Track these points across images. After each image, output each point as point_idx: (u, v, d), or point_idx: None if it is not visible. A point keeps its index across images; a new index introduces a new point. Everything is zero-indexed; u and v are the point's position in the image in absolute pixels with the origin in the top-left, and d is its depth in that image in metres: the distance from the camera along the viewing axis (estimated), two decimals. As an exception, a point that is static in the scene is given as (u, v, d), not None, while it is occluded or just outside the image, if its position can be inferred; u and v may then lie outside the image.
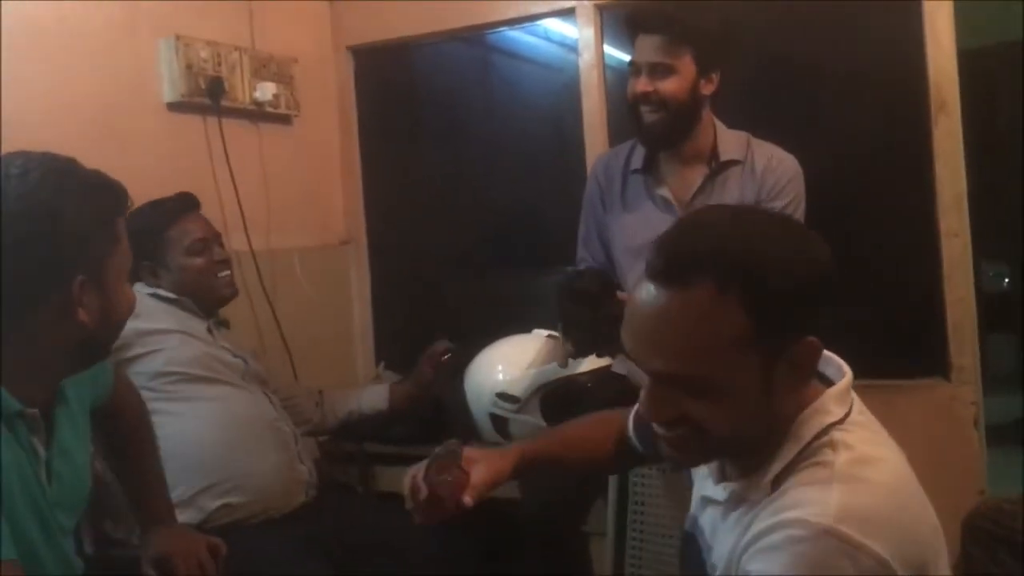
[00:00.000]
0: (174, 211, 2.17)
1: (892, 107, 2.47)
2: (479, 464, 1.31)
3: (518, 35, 3.01)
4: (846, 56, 2.49)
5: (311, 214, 3.05)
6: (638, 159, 2.18)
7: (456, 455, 1.29)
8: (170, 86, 2.51)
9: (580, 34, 2.79)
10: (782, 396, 1.01)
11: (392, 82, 3.18)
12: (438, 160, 3.16)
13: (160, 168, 2.44)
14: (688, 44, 2.02)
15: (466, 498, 1.28)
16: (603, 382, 2.24)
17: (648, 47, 2.04)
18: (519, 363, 2.36)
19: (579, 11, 2.77)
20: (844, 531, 0.92)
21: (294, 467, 2.10)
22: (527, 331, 2.45)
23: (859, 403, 1.08)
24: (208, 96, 2.57)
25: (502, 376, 2.37)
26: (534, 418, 2.32)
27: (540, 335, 2.39)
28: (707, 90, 2.07)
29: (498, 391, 2.36)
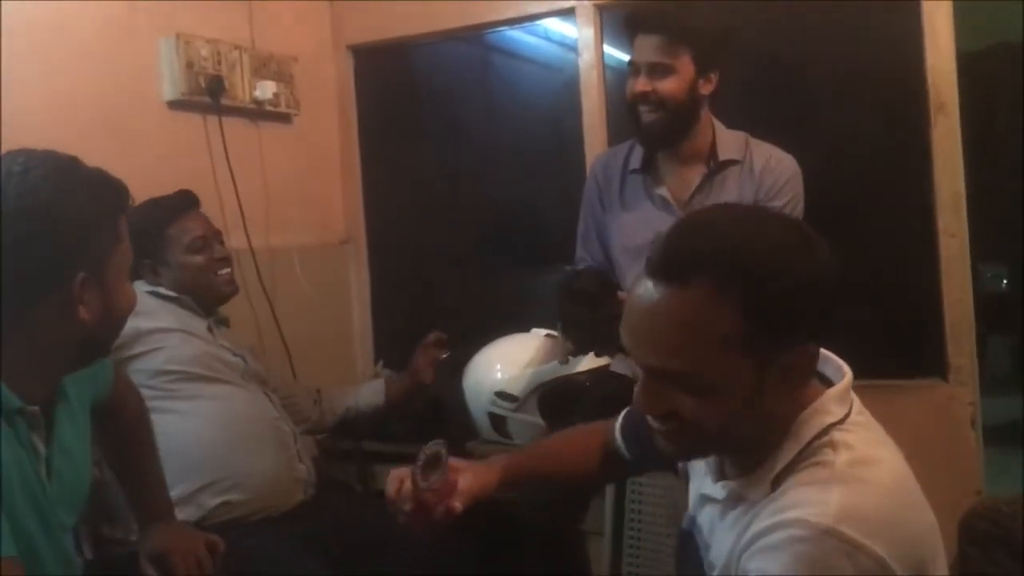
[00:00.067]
0: (174, 209, 2.16)
1: (891, 108, 2.47)
2: (466, 473, 1.32)
3: (518, 35, 3.01)
4: (845, 57, 2.49)
5: (311, 213, 3.05)
6: (637, 159, 2.18)
7: (441, 457, 1.28)
8: (170, 85, 2.52)
9: (580, 34, 2.79)
10: (776, 399, 1.01)
11: (392, 82, 3.18)
12: (438, 160, 3.16)
13: (160, 166, 2.44)
14: (687, 44, 2.02)
15: (456, 503, 1.28)
16: (601, 381, 2.24)
17: (647, 47, 2.05)
18: (518, 362, 2.36)
19: (579, 11, 2.77)
20: (844, 531, 0.92)
21: (293, 466, 2.10)
22: (526, 330, 2.45)
23: (859, 403, 1.08)
24: (208, 95, 2.58)
25: (501, 375, 2.38)
26: (532, 417, 2.32)
27: (539, 334, 2.40)
28: (706, 90, 2.07)
29: (497, 390, 2.36)
